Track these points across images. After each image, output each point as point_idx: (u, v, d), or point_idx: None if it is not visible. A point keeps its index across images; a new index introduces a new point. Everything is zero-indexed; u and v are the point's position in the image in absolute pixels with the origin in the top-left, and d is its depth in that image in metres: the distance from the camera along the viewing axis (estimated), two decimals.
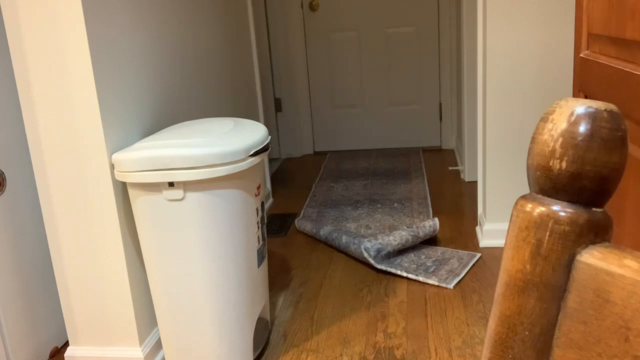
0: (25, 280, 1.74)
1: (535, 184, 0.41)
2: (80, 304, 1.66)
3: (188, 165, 1.42)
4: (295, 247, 2.57)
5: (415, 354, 1.71)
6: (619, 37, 1.02)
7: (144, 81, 1.75)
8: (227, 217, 1.51)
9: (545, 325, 0.40)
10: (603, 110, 0.38)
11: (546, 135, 0.40)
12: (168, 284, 1.54)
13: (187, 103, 2.11)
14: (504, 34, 2.20)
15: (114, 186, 1.56)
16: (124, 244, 1.59)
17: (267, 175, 3.20)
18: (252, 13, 3.04)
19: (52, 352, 1.85)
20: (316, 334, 1.87)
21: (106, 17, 1.55)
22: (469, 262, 2.25)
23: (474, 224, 2.66)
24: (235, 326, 1.60)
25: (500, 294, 0.43)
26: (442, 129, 4.07)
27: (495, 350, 0.43)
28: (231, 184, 1.49)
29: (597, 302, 0.37)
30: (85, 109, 1.51)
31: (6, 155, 1.67)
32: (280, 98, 4.10)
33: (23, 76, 1.51)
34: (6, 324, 1.66)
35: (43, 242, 1.81)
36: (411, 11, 3.88)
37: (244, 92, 2.91)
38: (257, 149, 1.53)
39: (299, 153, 4.19)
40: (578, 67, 1.28)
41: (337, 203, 3.07)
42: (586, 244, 0.39)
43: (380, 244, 2.26)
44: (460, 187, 3.23)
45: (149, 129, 1.77)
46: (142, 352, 1.65)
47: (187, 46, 2.13)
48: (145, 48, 1.77)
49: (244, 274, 1.59)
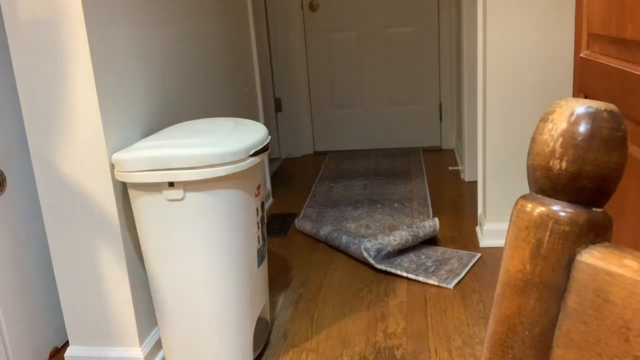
0: (25, 280, 1.74)
1: (535, 184, 0.41)
2: (80, 304, 1.66)
3: (188, 165, 1.42)
4: (295, 247, 2.57)
5: (415, 354, 1.71)
6: (619, 37, 1.02)
7: (144, 81, 1.75)
8: (227, 217, 1.51)
9: (545, 325, 0.40)
10: (603, 110, 0.38)
11: (546, 135, 0.40)
12: (168, 284, 1.54)
13: (187, 103, 2.11)
14: (504, 34, 2.20)
15: (114, 186, 1.56)
16: (124, 244, 1.59)
17: (267, 175, 3.20)
18: (252, 13, 3.04)
19: (52, 352, 1.85)
20: (316, 334, 1.87)
21: (106, 17, 1.55)
22: (469, 262, 2.25)
23: (474, 224, 2.66)
24: (235, 326, 1.60)
25: (500, 294, 0.43)
26: (442, 129, 4.07)
27: (495, 350, 0.43)
28: (231, 184, 1.49)
29: (597, 302, 0.37)
30: (85, 109, 1.51)
31: (6, 155, 1.67)
32: (280, 98, 4.10)
33: (23, 76, 1.51)
34: (6, 324, 1.66)
35: (43, 242, 1.81)
36: (411, 11, 3.88)
37: (244, 92, 2.91)
38: (257, 149, 1.53)
39: (299, 153, 4.19)
40: (578, 67, 1.28)
41: (337, 203, 3.07)
42: (586, 244, 0.39)
43: (380, 244, 2.26)
44: (460, 187, 3.23)
45: (149, 129, 1.77)
46: (142, 352, 1.65)
47: (187, 46, 2.13)
48: (145, 48, 1.77)
49: (244, 274, 1.59)
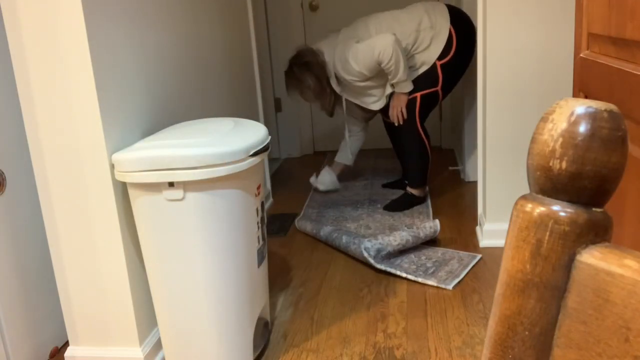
0: (25, 280, 1.74)
1: (535, 184, 0.41)
2: (80, 304, 1.66)
3: (188, 165, 1.42)
4: (295, 247, 2.57)
5: (415, 354, 1.71)
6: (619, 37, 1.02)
7: (144, 81, 1.75)
8: (227, 217, 1.51)
9: (545, 325, 0.40)
10: (603, 110, 0.38)
11: (546, 135, 0.40)
12: (168, 284, 1.54)
13: (187, 103, 2.11)
14: (504, 34, 2.20)
15: (114, 186, 1.56)
16: (124, 244, 1.59)
17: (267, 175, 3.20)
18: (252, 13, 3.04)
19: (52, 352, 1.85)
20: (316, 334, 1.87)
21: (106, 17, 1.55)
22: (469, 264, 2.25)
23: (474, 224, 2.66)
24: (235, 326, 1.60)
25: (500, 294, 0.43)
26: (442, 129, 4.07)
27: (495, 350, 0.43)
28: (231, 184, 1.49)
29: (597, 302, 0.37)
30: (85, 109, 1.51)
31: (6, 155, 1.67)
32: (280, 98, 4.10)
33: (23, 76, 1.51)
34: (6, 324, 1.66)
35: (43, 242, 1.81)
36: None
37: (244, 92, 2.91)
38: (257, 149, 1.53)
39: (299, 153, 4.19)
40: (578, 67, 1.28)
41: (337, 203, 3.07)
42: (586, 244, 0.39)
43: (380, 244, 2.26)
44: (460, 187, 3.23)
45: (149, 129, 1.77)
46: (142, 352, 1.65)
47: (187, 46, 2.13)
48: (145, 48, 1.77)
49: (244, 274, 1.59)
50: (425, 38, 2.66)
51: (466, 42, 2.71)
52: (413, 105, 2.75)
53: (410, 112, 2.76)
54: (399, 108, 2.75)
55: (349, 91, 2.86)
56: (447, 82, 2.75)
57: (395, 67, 2.59)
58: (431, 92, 2.74)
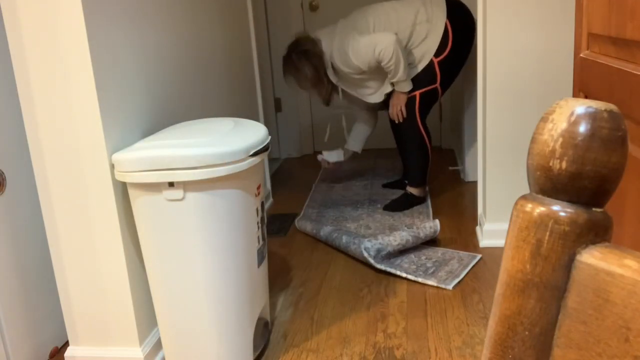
0: (25, 280, 1.74)
1: (535, 184, 0.41)
2: (80, 304, 1.66)
3: (188, 165, 1.42)
4: (295, 247, 2.57)
5: (415, 354, 1.71)
6: (619, 37, 1.02)
7: (143, 81, 1.75)
8: (227, 217, 1.51)
9: (545, 325, 0.40)
10: (603, 110, 0.38)
11: (546, 135, 0.40)
12: (168, 284, 1.54)
13: (187, 103, 2.11)
14: (504, 34, 2.20)
15: (114, 186, 1.56)
16: (124, 244, 1.59)
17: (267, 175, 3.20)
18: (252, 13, 3.04)
19: (52, 352, 1.85)
20: (316, 334, 1.87)
21: (106, 17, 1.55)
22: (469, 264, 2.25)
23: (474, 224, 2.66)
24: (235, 326, 1.60)
25: (500, 294, 0.43)
26: (442, 129, 4.07)
27: (495, 350, 0.43)
28: (231, 184, 1.49)
29: (597, 302, 0.37)
30: (85, 109, 1.51)
31: (6, 155, 1.67)
32: (280, 98, 4.10)
33: (23, 76, 1.51)
34: (6, 324, 1.66)
35: (43, 242, 1.81)
36: None
37: (244, 92, 2.91)
38: (257, 149, 1.53)
39: (299, 153, 4.19)
40: (578, 67, 1.28)
41: (337, 203, 3.07)
42: (586, 244, 0.39)
43: (380, 244, 2.26)
44: (460, 187, 3.23)
45: (149, 129, 1.77)
46: (142, 352, 1.65)
47: (187, 46, 2.13)
48: (145, 48, 1.77)
49: (244, 274, 1.59)
50: (421, 32, 2.66)
51: (464, 34, 2.70)
52: (412, 103, 2.75)
53: (410, 110, 2.76)
54: (399, 107, 2.76)
55: (345, 82, 2.86)
56: (445, 77, 2.75)
57: (395, 67, 2.59)
58: (430, 89, 2.74)
